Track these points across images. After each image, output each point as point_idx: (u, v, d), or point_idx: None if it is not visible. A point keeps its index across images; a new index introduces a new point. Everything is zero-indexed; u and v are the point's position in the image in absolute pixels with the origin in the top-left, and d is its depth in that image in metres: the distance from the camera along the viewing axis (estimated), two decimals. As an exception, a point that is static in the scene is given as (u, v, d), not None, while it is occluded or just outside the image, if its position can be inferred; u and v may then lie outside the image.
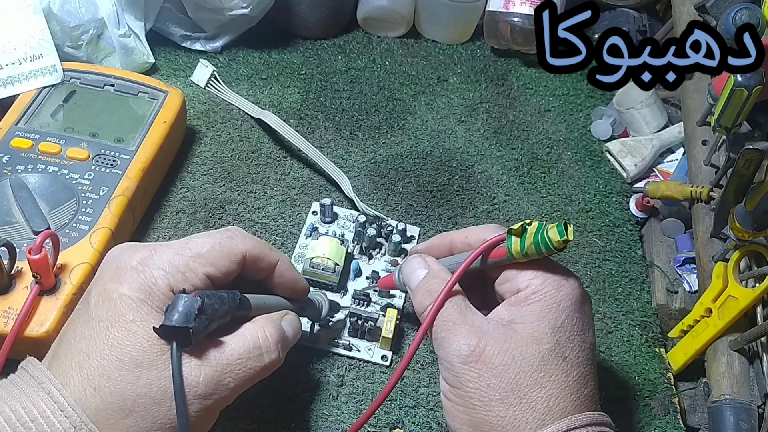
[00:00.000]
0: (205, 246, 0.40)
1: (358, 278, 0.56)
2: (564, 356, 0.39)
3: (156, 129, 0.58)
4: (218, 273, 0.40)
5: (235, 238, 0.41)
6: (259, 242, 0.43)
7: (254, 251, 0.42)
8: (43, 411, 0.34)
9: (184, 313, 0.35)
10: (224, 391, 0.38)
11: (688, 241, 0.60)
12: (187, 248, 0.40)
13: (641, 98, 0.69)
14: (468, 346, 0.38)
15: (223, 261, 0.40)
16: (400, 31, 0.78)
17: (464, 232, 0.46)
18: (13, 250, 0.45)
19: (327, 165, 0.61)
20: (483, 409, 0.38)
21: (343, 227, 0.59)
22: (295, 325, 0.44)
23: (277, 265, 0.44)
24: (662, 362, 0.55)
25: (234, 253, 0.41)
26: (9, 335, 0.44)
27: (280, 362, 0.41)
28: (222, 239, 0.41)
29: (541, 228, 0.39)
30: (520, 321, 0.39)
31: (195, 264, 0.39)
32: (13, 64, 0.59)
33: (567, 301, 0.40)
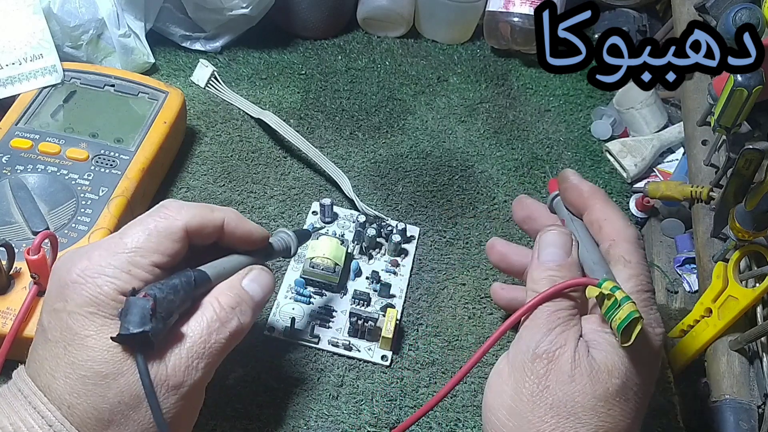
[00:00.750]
0: (141, 235, 0.37)
1: (358, 278, 0.55)
2: (627, 397, 0.37)
3: (156, 129, 0.58)
4: (164, 258, 0.37)
5: (169, 216, 0.38)
6: (197, 207, 0.40)
7: (194, 221, 0.39)
8: (32, 426, 0.33)
9: (139, 317, 0.34)
10: (196, 373, 0.36)
11: (688, 241, 0.60)
12: (123, 244, 0.37)
13: (641, 98, 0.69)
14: (552, 344, 0.38)
15: (165, 244, 0.37)
16: (400, 31, 0.78)
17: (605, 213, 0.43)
18: (12, 251, 0.45)
19: (327, 165, 0.61)
20: (530, 404, 0.37)
21: (343, 227, 0.59)
22: (261, 280, 0.42)
23: (223, 224, 0.41)
24: (662, 362, 0.55)
25: (173, 231, 0.38)
26: (8, 336, 0.44)
27: (246, 327, 0.40)
28: (156, 221, 0.38)
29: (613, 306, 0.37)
30: (597, 347, 0.38)
31: (136, 258, 0.36)
32: (13, 64, 0.59)
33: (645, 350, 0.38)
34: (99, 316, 0.35)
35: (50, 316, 0.36)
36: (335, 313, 0.53)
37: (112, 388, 0.34)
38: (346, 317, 0.53)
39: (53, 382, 0.34)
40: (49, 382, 0.35)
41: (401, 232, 0.58)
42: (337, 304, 0.54)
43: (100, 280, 0.35)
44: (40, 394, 0.34)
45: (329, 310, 0.53)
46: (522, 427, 0.37)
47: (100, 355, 0.34)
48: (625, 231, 0.42)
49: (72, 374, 0.34)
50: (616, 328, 0.37)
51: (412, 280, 0.57)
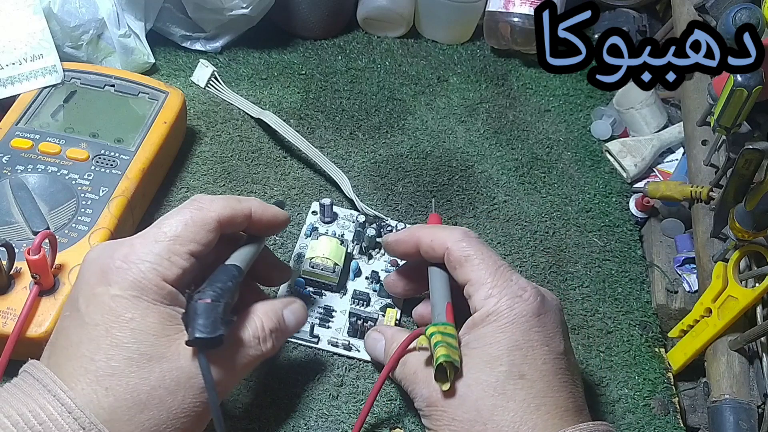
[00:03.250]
0: (179, 225, 0.40)
1: (357, 278, 0.55)
2: (522, 374, 0.39)
3: (156, 129, 0.58)
4: (200, 247, 0.40)
5: (203, 207, 0.41)
6: (227, 200, 0.42)
7: (225, 212, 0.41)
8: (51, 413, 0.34)
9: (212, 321, 0.36)
10: (229, 378, 0.39)
11: (687, 241, 0.60)
12: (162, 233, 0.39)
13: (641, 98, 0.69)
14: (429, 392, 0.41)
15: (200, 234, 0.40)
16: (400, 31, 0.78)
17: (430, 235, 0.46)
18: (12, 251, 0.45)
19: (327, 165, 0.61)
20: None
21: (342, 227, 0.59)
22: (299, 315, 0.45)
23: (251, 213, 0.43)
24: (662, 362, 0.55)
25: (208, 222, 0.40)
26: (11, 336, 0.44)
27: (273, 352, 0.42)
28: (192, 212, 0.40)
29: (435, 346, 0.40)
30: (474, 345, 0.40)
31: (176, 246, 0.39)
32: (13, 64, 0.59)
33: (521, 318, 0.40)
34: (142, 300, 0.37)
35: (89, 300, 0.37)
36: (335, 313, 0.53)
37: (155, 370, 0.36)
38: (345, 317, 0.53)
39: (91, 365, 0.35)
40: (85, 365, 0.35)
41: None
42: (336, 304, 0.54)
43: (143, 265, 0.38)
44: (60, 382, 0.35)
45: (329, 310, 0.53)
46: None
47: (145, 338, 0.36)
48: (450, 236, 0.44)
49: (115, 355, 0.35)
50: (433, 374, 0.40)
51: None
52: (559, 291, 0.58)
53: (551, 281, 0.59)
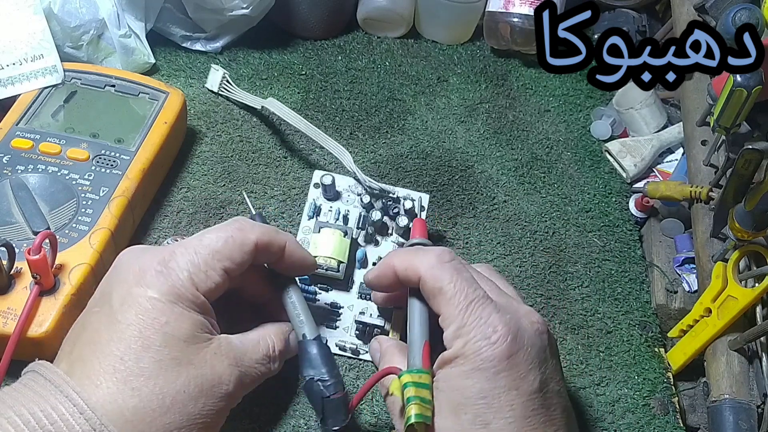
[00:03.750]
0: (219, 241, 0.41)
1: (363, 268, 0.55)
2: (486, 423, 0.37)
3: (156, 129, 0.58)
4: (234, 266, 0.41)
5: (244, 228, 0.42)
6: (266, 228, 0.44)
7: (264, 238, 0.43)
8: (62, 414, 0.34)
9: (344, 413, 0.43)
10: (241, 391, 0.41)
11: (687, 241, 0.60)
12: (203, 246, 0.41)
13: (641, 98, 0.69)
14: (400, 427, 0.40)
15: (237, 253, 0.41)
16: (400, 32, 0.78)
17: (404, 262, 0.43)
18: (13, 251, 0.45)
19: (327, 142, 0.59)
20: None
21: (347, 202, 0.58)
22: (294, 342, 0.46)
23: (285, 246, 0.45)
24: (662, 362, 0.55)
25: (246, 243, 0.42)
26: (12, 336, 0.43)
27: (276, 372, 0.44)
28: (233, 232, 0.42)
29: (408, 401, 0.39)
30: (442, 387, 0.39)
31: (213, 261, 0.40)
32: (13, 65, 0.59)
33: (488, 363, 0.38)
34: (178, 306, 0.38)
35: (125, 299, 0.38)
36: (341, 309, 0.53)
37: (182, 375, 0.36)
38: (352, 313, 0.52)
39: (120, 364, 0.36)
40: (114, 364, 0.36)
41: (409, 213, 0.56)
42: (342, 299, 0.53)
43: (182, 274, 0.39)
44: (72, 382, 0.35)
45: (335, 307, 0.53)
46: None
47: (175, 343, 0.37)
48: (423, 263, 0.42)
49: (146, 357, 0.36)
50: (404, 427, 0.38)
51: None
52: (558, 291, 0.58)
53: (551, 281, 0.59)
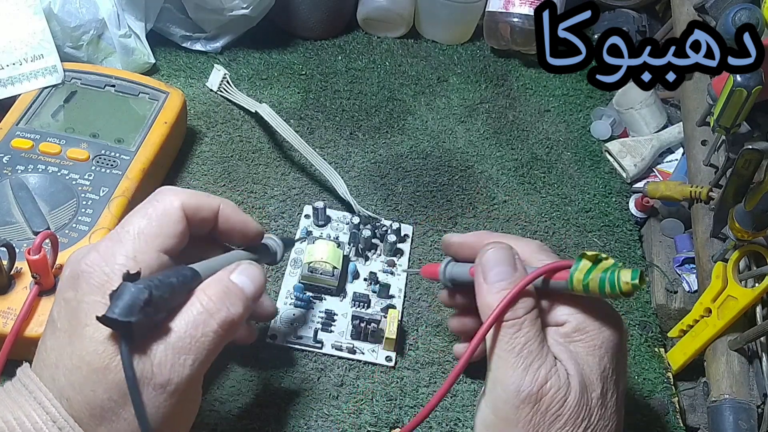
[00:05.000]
0: (142, 221, 0.37)
1: (356, 280, 0.55)
2: (605, 403, 0.37)
3: (156, 129, 0.58)
4: (168, 240, 0.37)
5: (165, 198, 0.38)
6: (194, 192, 0.40)
7: (190, 201, 0.39)
8: (36, 422, 0.33)
9: (128, 305, 0.32)
10: (183, 370, 0.35)
11: (687, 241, 0.60)
12: (125, 232, 0.37)
13: (641, 98, 0.69)
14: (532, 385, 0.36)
15: (167, 226, 0.37)
16: (400, 32, 0.78)
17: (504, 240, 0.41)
18: (13, 251, 0.45)
19: (321, 164, 0.60)
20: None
21: (336, 229, 0.59)
22: (250, 273, 0.39)
23: (219, 210, 0.41)
24: (662, 362, 0.55)
25: (172, 212, 0.38)
26: (9, 336, 0.44)
27: (236, 319, 0.37)
28: (154, 206, 0.38)
29: (614, 266, 0.36)
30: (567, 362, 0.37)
31: (140, 243, 0.36)
32: (13, 65, 0.59)
33: (609, 343, 0.38)
34: (103, 305, 0.34)
35: (60, 306, 0.36)
36: (336, 316, 0.53)
37: (102, 383, 0.33)
38: (347, 320, 0.53)
39: (56, 374, 0.34)
40: (53, 374, 0.34)
41: (396, 232, 0.58)
42: (337, 307, 0.54)
43: (107, 268, 0.35)
44: (45, 389, 0.34)
45: (330, 314, 0.53)
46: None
47: (94, 347, 0.34)
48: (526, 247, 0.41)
49: (71, 366, 0.34)
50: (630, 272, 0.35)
51: (412, 280, 0.57)
52: (559, 291, 0.58)
53: (551, 281, 0.59)
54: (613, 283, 0.35)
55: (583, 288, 0.36)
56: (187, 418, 0.37)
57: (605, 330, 0.38)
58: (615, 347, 0.38)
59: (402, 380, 0.51)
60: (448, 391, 0.39)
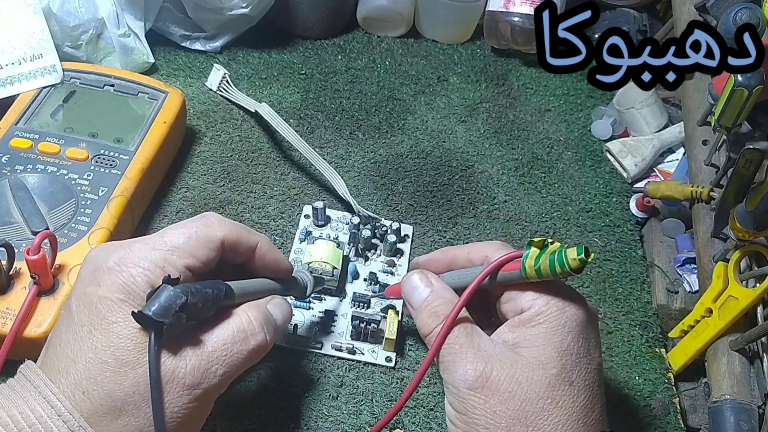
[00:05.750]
0: (181, 237, 0.39)
1: (356, 281, 0.55)
2: (570, 381, 0.38)
3: (156, 129, 0.58)
4: (197, 263, 0.39)
5: (211, 225, 0.40)
6: (237, 226, 0.42)
7: (231, 236, 0.41)
8: (40, 415, 0.33)
9: (165, 306, 0.35)
10: (213, 379, 0.37)
11: (688, 241, 0.60)
12: (162, 242, 0.39)
13: (641, 98, 0.68)
14: (474, 371, 0.38)
15: (201, 250, 0.39)
16: (400, 31, 0.78)
17: (467, 249, 0.45)
18: (12, 251, 0.45)
19: (319, 163, 0.60)
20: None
21: (336, 229, 0.59)
22: (283, 308, 0.43)
23: (257, 247, 0.43)
24: (662, 362, 0.55)
25: (211, 240, 0.40)
26: (8, 336, 0.43)
27: (268, 346, 0.41)
28: (198, 228, 0.40)
29: (561, 248, 0.38)
30: (525, 344, 0.39)
31: (173, 257, 0.38)
32: (12, 64, 0.59)
33: (572, 323, 0.39)
34: (128, 304, 0.36)
35: (80, 299, 0.37)
36: (336, 317, 0.53)
37: (129, 376, 0.35)
38: (347, 321, 0.53)
39: (72, 367, 0.35)
40: (67, 367, 0.35)
41: (396, 232, 0.57)
42: (337, 308, 0.54)
43: (134, 270, 0.37)
44: (50, 384, 0.35)
45: (330, 315, 0.53)
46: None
47: (123, 343, 0.35)
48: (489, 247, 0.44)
49: (93, 359, 0.35)
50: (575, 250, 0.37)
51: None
52: (559, 291, 0.58)
53: (551, 281, 0.59)
54: (562, 262, 0.37)
55: (535, 273, 0.38)
56: (197, 425, 0.39)
57: (568, 310, 0.39)
58: (578, 326, 0.39)
59: (402, 381, 0.51)
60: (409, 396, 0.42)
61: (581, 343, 0.39)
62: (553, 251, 0.38)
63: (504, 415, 0.37)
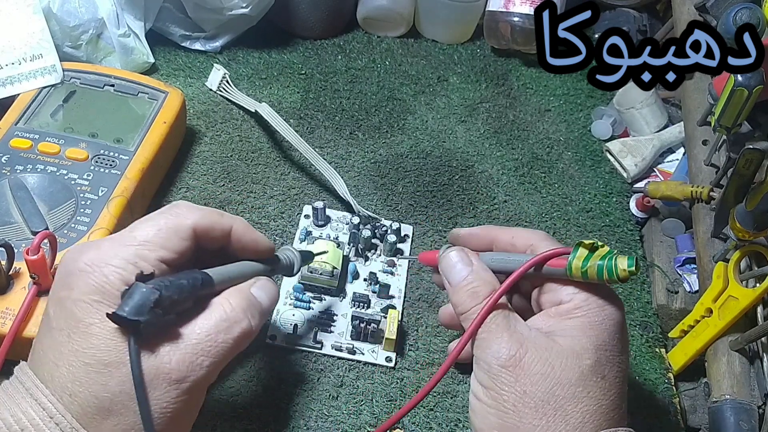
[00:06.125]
0: (151, 230, 0.38)
1: (356, 281, 0.55)
2: (603, 375, 0.38)
3: (156, 129, 0.58)
4: (171, 255, 0.38)
5: (180, 214, 0.39)
6: (208, 211, 0.41)
7: (203, 222, 0.40)
8: (32, 418, 0.33)
9: (139, 305, 0.34)
10: (200, 371, 0.36)
11: (688, 241, 0.60)
12: (132, 237, 0.38)
13: (641, 98, 0.68)
14: (509, 350, 0.38)
15: (172, 241, 0.38)
16: (400, 31, 0.78)
17: (510, 232, 0.45)
18: (11, 251, 0.45)
19: (319, 163, 0.60)
20: (516, 414, 0.37)
21: (336, 230, 0.59)
22: (267, 290, 0.42)
23: (231, 230, 0.42)
24: (662, 362, 0.55)
25: (182, 229, 0.39)
26: (7, 336, 0.43)
27: (253, 332, 0.40)
28: (167, 219, 0.39)
29: (610, 254, 0.38)
30: (561, 334, 0.39)
31: (144, 252, 0.37)
32: (12, 64, 0.59)
33: (610, 321, 0.39)
34: (104, 305, 0.35)
35: (56, 304, 0.36)
36: (336, 317, 0.53)
37: (114, 376, 0.34)
38: (347, 321, 0.53)
39: (56, 371, 0.35)
40: (51, 371, 0.35)
41: (396, 232, 0.57)
42: (337, 308, 0.54)
43: (106, 269, 0.36)
44: (41, 386, 0.34)
45: (330, 315, 0.53)
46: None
47: (103, 343, 0.35)
48: (534, 235, 0.44)
49: (75, 362, 0.34)
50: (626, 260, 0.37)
51: (412, 280, 0.56)
52: (559, 291, 0.58)
53: (551, 281, 0.59)
54: (611, 270, 0.37)
55: (581, 275, 0.38)
56: (190, 418, 0.38)
57: (607, 309, 0.39)
58: (615, 326, 0.39)
59: (402, 381, 0.51)
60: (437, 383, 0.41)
61: (616, 342, 0.39)
62: (602, 256, 0.38)
63: (534, 396, 0.37)
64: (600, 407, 0.37)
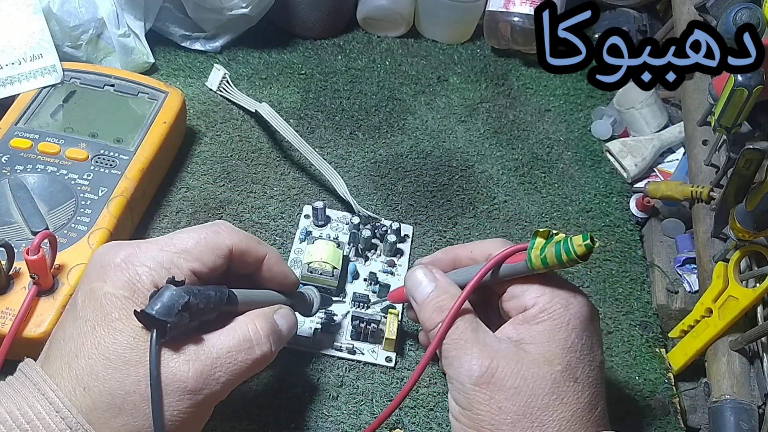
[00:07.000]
0: (190, 241, 0.39)
1: (356, 281, 0.55)
2: (575, 377, 0.38)
3: (156, 129, 0.58)
4: (204, 268, 0.39)
5: (221, 232, 0.41)
6: (247, 236, 0.42)
7: (240, 245, 0.41)
8: (39, 412, 0.34)
9: (167, 306, 0.35)
10: (215, 385, 0.37)
11: (688, 241, 0.60)
12: (171, 244, 0.39)
13: (641, 98, 0.68)
14: (480, 367, 0.38)
15: (208, 256, 0.39)
16: (400, 31, 0.78)
17: (469, 247, 0.45)
18: (11, 251, 0.45)
19: (320, 164, 0.60)
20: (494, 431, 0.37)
21: (336, 230, 0.59)
22: (288, 319, 0.43)
23: (264, 259, 0.43)
24: (662, 362, 0.55)
25: (219, 247, 0.40)
26: (7, 336, 0.44)
27: (272, 356, 0.41)
28: (207, 234, 0.40)
29: (566, 238, 0.38)
30: (530, 341, 0.39)
31: (179, 260, 0.38)
32: (12, 64, 0.59)
33: (576, 320, 0.39)
34: (131, 302, 0.36)
35: (86, 294, 0.37)
36: (336, 317, 0.53)
37: (131, 375, 0.35)
38: (347, 321, 0.53)
39: (74, 362, 0.35)
40: (69, 362, 0.35)
41: (396, 232, 0.57)
42: (337, 308, 0.53)
43: (141, 269, 0.37)
44: (50, 381, 0.35)
45: (330, 315, 0.53)
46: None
47: (125, 340, 0.35)
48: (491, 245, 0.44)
49: (95, 355, 0.35)
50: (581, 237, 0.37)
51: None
52: (559, 291, 0.58)
53: (551, 281, 0.59)
54: (568, 249, 0.38)
55: (541, 262, 0.39)
56: (197, 429, 0.38)
57: (572, 308, 0.40)
58: (582, 324, 0.39)
59: (402, 381, 0.51)
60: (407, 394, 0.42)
61: (585, 340, 0.39)
62: (558, 241, 0.38)
63: (509, 411, 0.37)
64: (575, 411, 0.38)
